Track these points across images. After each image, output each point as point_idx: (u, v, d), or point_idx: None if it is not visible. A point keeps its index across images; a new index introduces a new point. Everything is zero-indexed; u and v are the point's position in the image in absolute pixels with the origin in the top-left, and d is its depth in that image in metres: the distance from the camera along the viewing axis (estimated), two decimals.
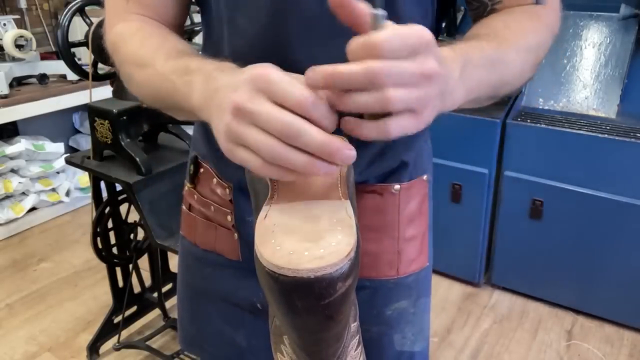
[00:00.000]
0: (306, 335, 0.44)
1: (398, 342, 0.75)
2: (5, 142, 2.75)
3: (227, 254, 0.76)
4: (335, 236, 0.40)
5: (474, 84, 0.50)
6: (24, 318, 2.15)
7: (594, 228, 1.95)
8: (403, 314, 0.74)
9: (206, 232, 0.78)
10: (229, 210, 0.73)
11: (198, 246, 0.80)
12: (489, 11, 0.63)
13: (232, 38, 0.63)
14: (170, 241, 1.50)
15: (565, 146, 1.92)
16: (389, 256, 0.71)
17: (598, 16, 2.04)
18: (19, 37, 2.55)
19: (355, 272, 0.40)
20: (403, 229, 0.71)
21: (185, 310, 0.86)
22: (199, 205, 0.78)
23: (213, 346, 0.83)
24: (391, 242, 0.71)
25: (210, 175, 0.75)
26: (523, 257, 2.14)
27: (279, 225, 0.42)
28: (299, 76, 0.42)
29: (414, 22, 0.58)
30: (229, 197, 0.72)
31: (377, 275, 0.71)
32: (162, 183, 1.54)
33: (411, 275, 0.73)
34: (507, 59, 0.55)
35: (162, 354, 1.82)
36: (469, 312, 2.17)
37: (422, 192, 0.73)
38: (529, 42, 0.58)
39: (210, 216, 0.77)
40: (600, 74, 2.01)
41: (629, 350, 1.95)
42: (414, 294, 0.75)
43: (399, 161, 0.70)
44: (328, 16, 0.58)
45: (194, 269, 0.82)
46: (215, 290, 0.79)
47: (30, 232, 2.81)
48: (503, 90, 0.57)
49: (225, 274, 0.77)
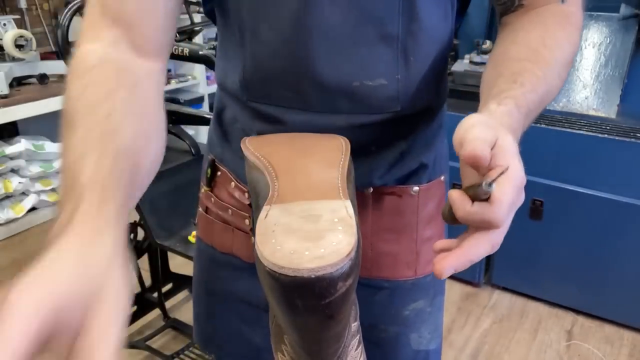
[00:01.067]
0: (307, 335, 0.44)
1: (415, 341, 0.76)
2: (5, 142, 2.75)
3: (245, 257, 0.76)
4: (335, 236, 0.40)
5: (526, 127, 0.53)
6: None
7: (594, 228, 1.95)
8: (420, 313, 0.75)
9: (223, 235, 0.77)
10: (247, 214, 0.73)
11: (215, 248, 0.79)
12: (517, 6, 0.64)
13: (254, 47, 0.62)
14: (170, 241, 1.50)
15: (565, 146, 1.92)
16: (407, 257, 0.71)
17: (598, 16, 2.04)
18: (19, 37, 2.55)
19: (355, 272, 0.40)
20: (421, 230, 0.71)
21: (202, 308, 0.86)
22: (216, 209, 0.77)
23: (230, 345, 0.83)
24: (409, 243, 0.71)
25: (228, 178, 0.74)
26: (523, 257, 2.14)
27: (280, 224, 0.42)
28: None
29: (434, 24, 0.59)
30: (248, 201, 0.72)
31: (395, 276, 0.72)
32: (162, 183, 1.54)
33: (429, 275, 0.74)
34: (551, 88, 0.56)
35: (162, 354, 1.82)
36: (469, 312, 2.17)
37: (440, 192, 0.73)
38: (566, 57, 0.59)
39: (227, 219, 0.76)
40: (600, 74, 2.01)
41: (629, 350, 1.95)
42: (431, 293, 0.75)
43: (418, 163, 0.70)
44: (350, 26, 0.58)
45: (210, 271, 0.82)
46: (232, 291, 0.79)
47: (31, 232, 2.81)
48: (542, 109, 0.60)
49: (242, 275, 0.77)
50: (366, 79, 0.60)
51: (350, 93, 0.61)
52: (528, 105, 0.52)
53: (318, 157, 0.52)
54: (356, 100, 0.61)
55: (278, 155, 0.53)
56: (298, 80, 0.61)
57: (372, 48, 0.57)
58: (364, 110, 0.61)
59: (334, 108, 0.62)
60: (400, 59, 0.60)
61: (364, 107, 0.61)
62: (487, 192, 0.41)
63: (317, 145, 0.55)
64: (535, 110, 0.54)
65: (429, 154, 0.71)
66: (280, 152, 0.53)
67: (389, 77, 0.60)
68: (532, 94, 0.53)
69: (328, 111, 0.62)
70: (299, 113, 0.63)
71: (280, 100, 0.64)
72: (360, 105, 0.61)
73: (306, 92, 0.61)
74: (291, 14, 0.58)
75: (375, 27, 0.58)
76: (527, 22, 0.62)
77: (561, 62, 0.58)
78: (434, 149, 0.72)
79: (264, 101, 0.65)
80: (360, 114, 0.62)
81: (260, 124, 0.66)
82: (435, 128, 0.72)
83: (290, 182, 0.48)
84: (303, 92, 0.62)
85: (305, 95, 0.62)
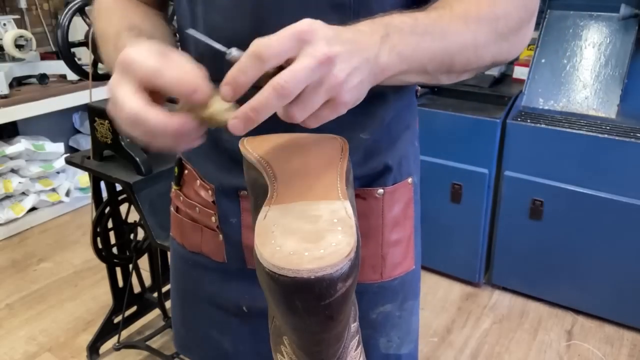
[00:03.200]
0: (306, 336, 0.44)
1: (383, 345, 0.75)
2: (5, 142, 2.75)
3: (213, 255, 0.75)
4: (335, 236, 0.40)
5: (409, 51, 0.50)
6: (24, 318, 2.15)
7: (594, 228, 1.95)
8: (388, 317, 0.74)
9: (193, 234, 0.77)
10: (212, 211, 0.73)
11: (186, 248, 0.79)
12: None
13: (207, 16, 0.63)
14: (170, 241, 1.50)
15: (565, 146, 1.92)
16: (373, 260, 0.71)
17: (598, 16, 2.04)
18: (19, 37, 2.55)
19: (355, 272, 0.40)
20: (387, 233, 0.71)
21: (177, 311, 0.86)
22: (184, 207, 0.78)
23: (201, 350, 0.82)
24: (375, 246, 0.70)
25: (193, 176, 0.75)
26: (523, 257, 2.14)
27: (279, 225, 0.42)
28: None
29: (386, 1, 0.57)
30: (212, 198, 0.72)
31: (362, 279, 0.70)
32: (162, 183, 1.54)
33: (396, 279, 0.73)
34: (450, 29, 0.53)
35: (162, 354, 1.82)
36: (469, 312, 2.17)
37: (407, 195, 0.72)
38: (483, 11, 0.56)
39: (196, 218, 0.76)
40: (600, 74, 2.01)
41: (628, 350, 1.95)
42: (400, 297, 0.74)
43: (382, 165, 0.69)
44: None
45: (182, 271, 0.82)
46: (202, 292, 0.78)
47: (30, 232, 2.81)
48: (459, 63, 0.56)
49: (211, 276, 0.77)
50: None
51: None
52: (404, 20, 0.51)
53: (317, 158, 0.52)
54: None
55: (277, 155, 0.52)
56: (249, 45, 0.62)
57: (324, 15, 0.55)
58: None
59: None
60: None
61: None
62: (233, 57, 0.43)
63: (316, 146, 0.55)
64: (418, 34, 0.51)
65: (394, 156, 0.70)
66: (279, 152, 0.53)
67: None
68: (411, 17, 0.52)
69: None
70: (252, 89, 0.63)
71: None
72: None
73: None
74: None
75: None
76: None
77: (474, 14, 0.55)
78: (399, 151, 0.71)
79: (217, 77, 0.66)
80: None
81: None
82: (401, 129, 0.71)
83: (289, 183, 0.48)
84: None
85: None
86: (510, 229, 2.13)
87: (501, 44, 0.58)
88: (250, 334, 0.76)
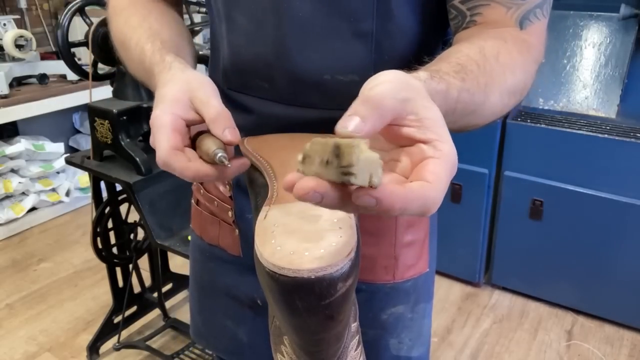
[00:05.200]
0: (306, 336, 0.44)
1: (394, 346, 0.75)
2: (5, 142, 2.75)
3: (229, 249, 0.77)
4: (335, 236, 0.40)
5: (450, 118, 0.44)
6: (24, 318, 2.15)
7: (594, 228, 1.94)
8: (400, 318, 0.74)
9: (211, 227, 0.79)
10: (229, 206, 0.74)
11: (204, 240, 0.81)
12: (468, 22, 0.58)
13: (230, 35, 0.64)
14: (170, 241, 1.50)
15: (565, 146, 1.92)
16: (386, 261, 0.71)
17: (598, 16, 2.04)
18: (19, 37, 2.55)
19: (355, 272, 0.40)
20: (400, 234, 0.71)
21: (194, 301, 0.88)
22: (204, 200, 0.79)
23: (217, 339, 0.84)
24: (388, 246, 0.71)
25: None
26: (523, 257, 2.14)
27: (279, 225, 0.42)
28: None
29: (411, 26, 0.56)
30: (229, 193, 0.74)
31: (374, 279, 0.71)
32: (162, 183, 1.54)
33: (409, 280, 0.73)
34: (484, 104, 0.50)
35: (162, 354, 1.82)
36: (469, 312, 2.17)
37: None
38: (516, 83, 0.53)
39: (214, 211, 0.78)
40: (600, 74, 2.01)
41: (629, 350, 1.95)
42: (412, 299, 0.74)
43: None
44: (320, 17, 0.58)
45: (200, 262, 0.84)
46: (218, 283, 0.80)
47: (30, 232, 2.81)
48: (470, 128, 0.53)
49: (228, 268, 0.78)
50: (338, 74, 0.60)
51: (322, 86, 0.61)
52: (457, 101, 0.45)
53: None
54: (328, 95, 0.61)
55: (277, 155, 0.52)
56: (271, 69, 0.62)
57: (346, 43, 0.56)
58: (335, 105, 0.61)
59: (305, 101, 0.62)
60: (375, 56, 0.59)
61: (335, 103, 0.60)
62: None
63: None
64: (459, 115, 0.46)
65: None
66: (279, 152, 0.53)
67: (362, 74, 0.59)
68: (466, 94, 0.46)
69: (300, 104, 0.63)
70: (272, 105, 0.64)
71: (254, 91, 0.65)
72: (332, 100, 0.61)
73: (279, 83, 0.62)
74: (265, 2, 0.59)
75: (349, 22, 0.58)
76: (485, 33, 0.56)
77: (510, 85, 0.52)
78: None
79: (240, 90, 0.67)
80: (332, 110, 0.61)
81: (236, 114, 0.67)
82: None
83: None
84: (276, 82, 0.62)
85: (277, 86, 0.63)
86: (510, 229, 2.13)
87: (510, 107, 0.56)
88: (264, 326, 0.77)
